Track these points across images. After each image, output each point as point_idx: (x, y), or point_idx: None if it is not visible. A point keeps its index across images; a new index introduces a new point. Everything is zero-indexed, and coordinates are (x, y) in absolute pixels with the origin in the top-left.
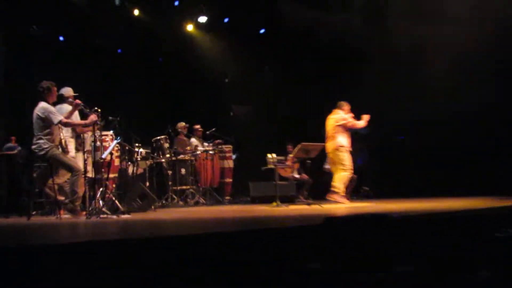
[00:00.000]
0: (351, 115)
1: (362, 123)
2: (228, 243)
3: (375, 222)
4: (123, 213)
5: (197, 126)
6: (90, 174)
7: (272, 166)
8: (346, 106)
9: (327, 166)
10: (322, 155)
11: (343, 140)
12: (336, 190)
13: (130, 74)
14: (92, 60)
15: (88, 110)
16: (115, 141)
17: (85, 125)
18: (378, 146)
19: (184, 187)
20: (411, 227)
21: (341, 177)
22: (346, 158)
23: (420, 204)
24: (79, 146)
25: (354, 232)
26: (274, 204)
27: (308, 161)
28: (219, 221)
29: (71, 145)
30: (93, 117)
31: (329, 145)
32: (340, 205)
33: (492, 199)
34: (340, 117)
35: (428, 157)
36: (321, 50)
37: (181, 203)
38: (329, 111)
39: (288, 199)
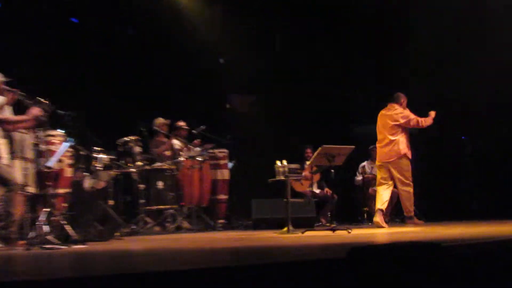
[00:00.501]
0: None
1: (429, 120)
2: (219, 283)
3: (417, 254)
4: (76, 242)
5: (181, 124)
6: (32, 189)
7: (282, 178)
8: (404, 99)
9: (359, 178)
10: (352, 163)
11: (406, 145)
12: (410, 214)
13: (89, 52)
14: (37, 33)
15: (30, 102)
16: (65, 144)
17: (24, 122)
18: (427, 149)
19: (161, 206)
20: (466, 261)
21: (409, 196)
22: (410, 169)
23: (480, 229)
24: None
25: (388, 268)
26: (285, 229)
27: (332, 171)
28: (208, 254)
29: (3, 149)
30: (35, 111)
31: (387, 152)
32: (372, 230)
33: None
34: (400, 113)
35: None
36: (357, 17)
37: (157, 228)
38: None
39: (305, 223)
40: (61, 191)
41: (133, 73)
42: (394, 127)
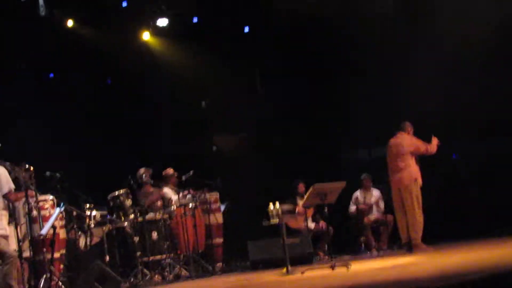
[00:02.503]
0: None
1: (434, 147)
2: None
3: None
4: None
5: (170, 171)
6: (27, 253)
7: (276, 221)
8: (410, 127)
9: (353, 208)
10: (345, 196)
11: (417, 171)
12: (417, 242)
13: (68, 106)
14: (13, 91)
15: (17, 169)
16: (57, 210)
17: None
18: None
19: (158, 257)
20: None
21: (418, 222)
22: (421, 196)
23: (489, 252)
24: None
25: None
26: (284, 270)
27: (326, 208)
28: None
29: (4, 221)
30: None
31: (399, 179)
32: (372, 264)
33: None
34: (409, 141)
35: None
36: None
37: (157, 277)
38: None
39: (303, 259)
40: (57, 254)
41: (115, 124)
42: (404, 154)
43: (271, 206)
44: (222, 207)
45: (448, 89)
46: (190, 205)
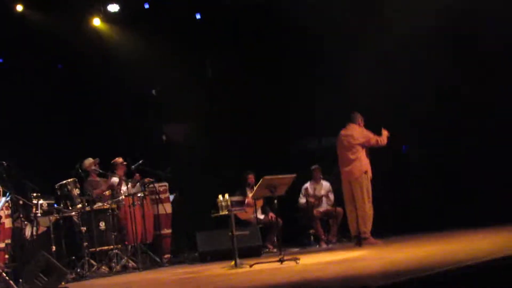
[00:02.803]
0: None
1: (385, 139)
2: None
3: None
4: None
5: (119, 160)
6: None
7: (226, 213)
8: (360, 118)
9: (303, 200)
10: (294, 187)
11: (367, 163)
12: (366, 235)
13: (16, 92)
14: None
15: None
16: (3, 199)
17: None
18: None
19: (105, 247)
20: None
21: (367, 215)
22: (371, 188)
23: (438, 247)
24: None
25: None
26: (232, 263)
27: (275, 201)
28: None
29: None
30: None
31: (349, 170)
32: (320, 258)
33: None
34: (359, 133)
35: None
36: (284, 35)
37: (104, 269)
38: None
39: (252, 252)
40: (2, 244)
41: (65, 111)
42: (355, 146)
43: (220, 197)
44: (171, 197)
45: (398, 79)
46: (139, 194)
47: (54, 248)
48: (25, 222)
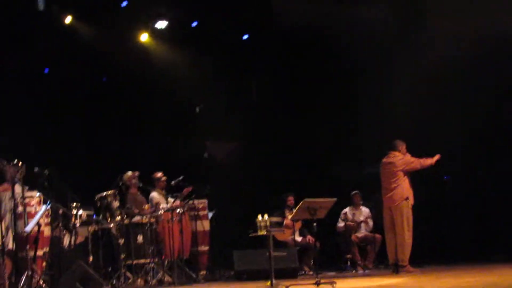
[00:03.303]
0: None
1: (429, 160)
2: None
3: None
4: None
5: (159, 175)
6: (11, 245)
7: (264, 233)
8: (401, 145)
9: (341, 225)
10: (333, 211)
11: (407, 189)
12: (404, 263)
13: (63, 103)
14: (7, 86)
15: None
16: (43, 207)
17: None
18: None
19: (142, 260)
20: None
21: (406, 243)
22: (411, 216)
23: (475, 279)
24: None
25: None
26: (268, 283)
27: (315, 224)
28: None
29: None
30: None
31: (390, 197)
32: (357, 283)
33: None
34: (400, 159)
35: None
36: (333, 60)
37: (140, 281)
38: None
39: (288, 273)
40: (40, 252)
41: (108, 125)
42: (396, 173)
43: (259, 217)
44: (210, 215)
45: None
46: (178, 210)
47: (91, 258)
48: (64, 232)
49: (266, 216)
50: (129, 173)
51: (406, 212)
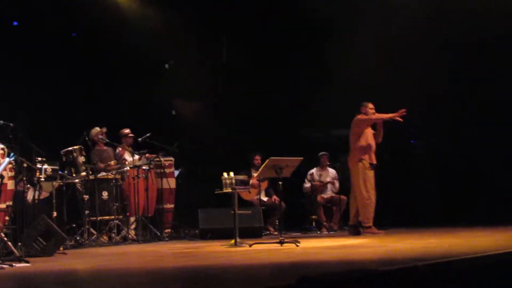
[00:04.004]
0: None
1: (385, 114)
2: None
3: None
4: (20, 259)
5: (126, 131)
6: None
7: (229, 190)
8: (366, 107)
9: (307, 185)
10: (300, 172)
11: (365, 150)
12: (366, 224)
13: (29, 56)
14: None
15: None
16: (7, 159)
17: None
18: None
19: (106, 217)
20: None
21: (366, 204)
22: (373, 176)
23: (440, 240)
24: None
25: None
26: (232, 241)
27: (280, 182)
28: (153, 274)
29: None
30: None
31: (351, 159)
32: (321, 243)
33: None
34: (357, 121)
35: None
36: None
37: (104, 238)
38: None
39: (253, 233)
40: (2, 205)
41: (76, 79)
42: (355, 133)
43: (225, 174)
44: (176, 173)
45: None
46: (144, 167)
47: (55, 214)
48: (28, 186)
49: (231, 174)
50: (97, 128)
51: (362, 172)
